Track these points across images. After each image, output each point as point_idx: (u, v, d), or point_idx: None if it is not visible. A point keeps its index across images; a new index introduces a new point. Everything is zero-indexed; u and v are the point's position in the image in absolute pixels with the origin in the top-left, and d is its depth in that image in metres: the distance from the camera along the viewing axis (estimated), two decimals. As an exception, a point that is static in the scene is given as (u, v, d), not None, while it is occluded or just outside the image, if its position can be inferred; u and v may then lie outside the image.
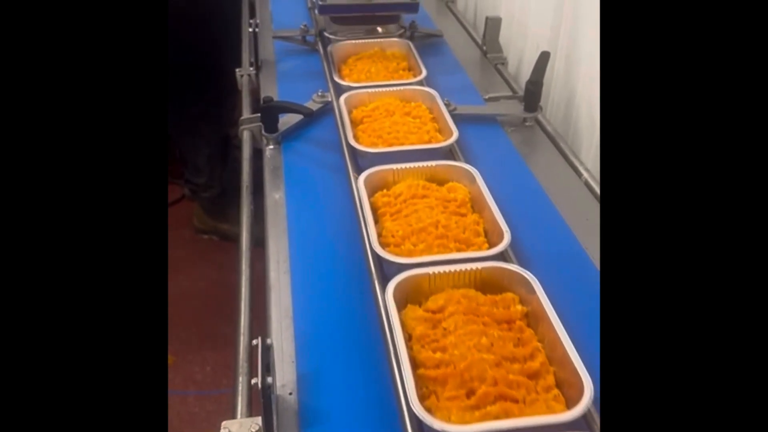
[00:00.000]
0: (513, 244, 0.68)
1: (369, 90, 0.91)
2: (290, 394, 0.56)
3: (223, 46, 1.57)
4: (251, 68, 1.14)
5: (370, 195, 0.75)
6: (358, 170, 0.79)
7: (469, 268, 0.63)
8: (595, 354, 0.46)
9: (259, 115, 0.93)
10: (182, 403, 1.47)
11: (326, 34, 1.15)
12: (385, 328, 0.59)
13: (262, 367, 0.51)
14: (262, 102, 0.90)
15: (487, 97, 1.04)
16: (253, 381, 0.50)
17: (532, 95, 0.95)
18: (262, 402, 0.50)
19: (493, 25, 1.15)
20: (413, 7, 1.10)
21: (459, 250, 0.67)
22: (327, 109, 0.98)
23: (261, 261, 0.76)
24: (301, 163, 0.89)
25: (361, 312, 0.64)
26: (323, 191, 0.83)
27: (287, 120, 0.94)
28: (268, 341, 0.53)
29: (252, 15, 1.38)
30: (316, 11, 1.13)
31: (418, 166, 0.78)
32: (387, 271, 0.66)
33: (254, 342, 0.52)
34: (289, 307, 0.65)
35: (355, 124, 0.88)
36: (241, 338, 0.63)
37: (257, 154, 0.93)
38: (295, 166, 0.88)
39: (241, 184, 0.88)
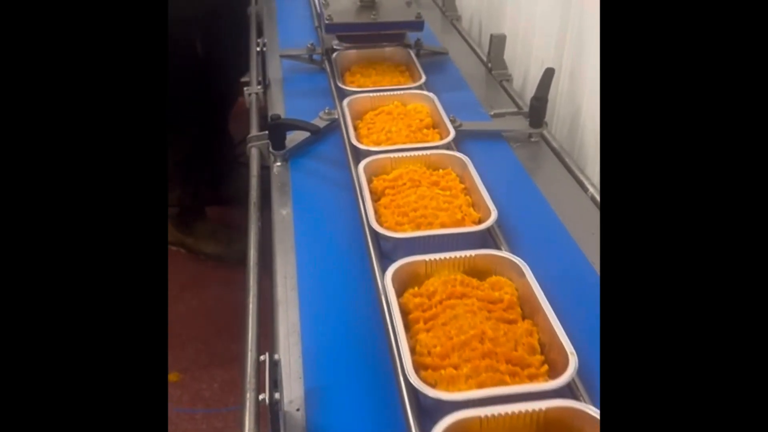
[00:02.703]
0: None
1: (391, 155, 0.84)
2: (297, 410, 0.56)
3: (227, 64, 1.59)
4: (259, 86, 1.16)
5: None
6: (381, 255, 0.72)
7: (530, 410, 0.52)
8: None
9: (266, 132, 0.94)
10: (190, 421, 1.46)
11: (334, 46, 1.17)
12: (392, 345, 0.59)
13: (270, 383, 0.51)
14: (269, 119, 0.92)
15: (492, 113, 1.05)
16: (261, 397, 0.50)
17: (538, 111, 0.96)
18: (270, 418, 0.50)
19: (497, 42, 1.16)
20: (418, 26, 1.12)
21: (512, 374, 0.56)
22: (334, 126, 0.99)
23: (268, 278, 0.77)
24: (308, 180, 0.89)
25: (369, 328, 0.64)
26: (331, 208, 0.83)
27: (294, 137, 0.95)
28: (276, 357, 0.53)
29: (259, 34, 1.41)
30: (323, 30, 1.14)
31: (454, 258, 0.67)
32: (424, 404, 0.56)
33: (262, 358, 0.53)
34: (296, 323, 0.65)
35: (376, 195, 0.79)
36: (249, 354, 0.63)
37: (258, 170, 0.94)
38: (302, 182, 0.89)
39: (249, 200, 0.89)
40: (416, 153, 0.85)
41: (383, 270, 0.66)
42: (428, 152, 0.84)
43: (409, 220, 0.74)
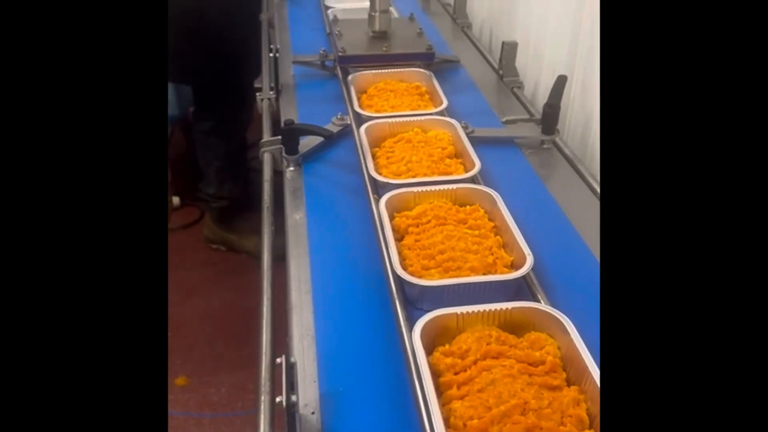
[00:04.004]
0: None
1: (414, 189, 0.78)
2: (312, 413, 0.56)
3: (236, 64, 1.62)
4: (271, 92, 1.16)
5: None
6: (405, 301, 0.66)
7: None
8: None
9: (279, 137, 0.95)
10: (197, 426, 1.46)
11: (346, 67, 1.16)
12: (407, 349, 0.59)
13: (287, 386, 0.51)
14: (283, 124, 0.92)
15: (504, 119, 1.05)
16: (278, 399, 0.50)
17: (550, 118, 0.96)
18: (287, 420, 0.50)
19: (509, 49, 1.16)
20: (429, 57, 1.14)
21: None
22: (346, 132, 1.00)
23: (279, 279, 0.77)
24: (321, 185, 0.90)
25: (383, 331, 0.64)
26: (344, 212, 0.84)
27: (307, 142, 0.96)
28: (292, 359, 0.53)
29: (271, 40, 1.42)
30: (336, 62, 1.16)
31: (488, 310, 0.61)
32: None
33: (278, 360, 0.53)
34: (311, 326, 0.65)
35: (398, 234, 0.74)
36: (263, 357, 0.63)
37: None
38: (315, 187, 0.89)
39: (262, 205, 0.89)
40: (441, 187, 0.78)
41: (409, 321, 0.62)
42: (454, 186, 0.78)
43: (436, 264, 0.67)
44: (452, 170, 0.85)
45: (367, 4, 1.19)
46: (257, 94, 1.17)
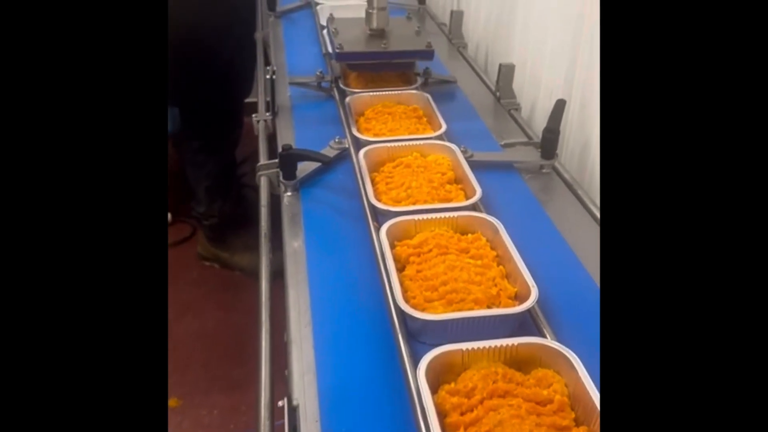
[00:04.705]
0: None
1: (415, 217, 0.77)
2: (315, 455, 0.55)
3: (226, 84, 1.61)
4: (267, 113, 1.15)
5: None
6: (407, 333, 0.65)
7: None
8: None
9: (276, 161, 0.93)
10: (190, 449, 1.44)
11: (342, 86, 1.15)
12: (411, 388, 0.58)
13: (289, 429, 0.49)
14: (281, 149, 0.91)
15: (502, 143, 1.05)
16: (281, 444, 0.48)
17: (549, 143, 0.96)
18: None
19: (506, 72, 1.16)
20: (428, 55, 1.12)
21: None
22: (344, 155, 0.99)
23: (277, 297, 0.76)
24: (320, 210, 0.89)
25: (386, 366, 0.63)
26: (343, 239, 0.82)
27: (305, 167, 0.95)
28: (294, 402, 0.51)
29: (267, 62, 1.41)
30: (333, 58, 1.14)
31: (494, 347, 0.59)
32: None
33: (280, 403, 0.51)
34: (311, 362, 0.64)
35: (399, 264, 0.73)
36: (262, 398, 0.61)
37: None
38: (314, 213, 0.88)
39: (259, 231, 0.88)
40: (442, 215, 0.77)
41: (413, 357, 0.61)
42: (455, 214, 0.77)
43: (439, 295, 0.66)
44: (453, 196, 0.84)
45: (357, 2, 1.16)
46: (253, 115, 1.16)
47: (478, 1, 1.47)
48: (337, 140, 1.00)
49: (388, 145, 0.93)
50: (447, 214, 0.77)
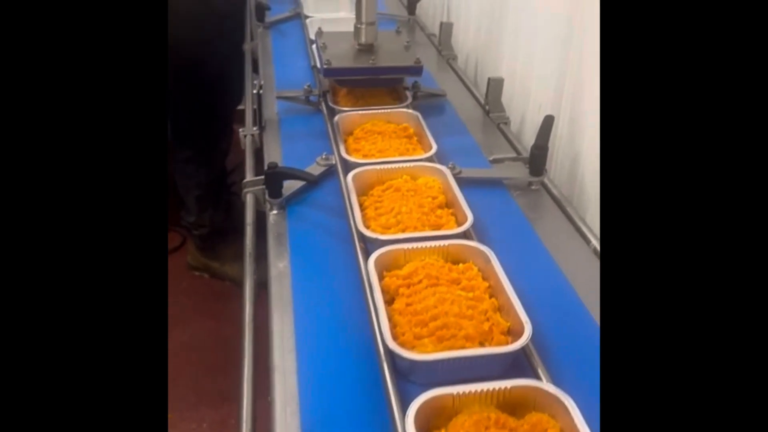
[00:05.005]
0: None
1: (404, 246, 0.74)
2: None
3: (215, 96, 1.60)
4: (255, 128, 1.14)
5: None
6: (396, 372, 0.62)
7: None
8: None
9: (262, 177, 0.92)
10: (178, 465, 1.42)
11: (330, 103, 1.13)
12: (395, 414, 0.57)
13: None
14: (266, 167, 0.90)
15: (491, 158, 1.04)
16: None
17: (538, 159, 0.95)
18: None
19: (495, 85, 1.16)
20: (417, 71, 1.11)
21: None
22: (332, 172, 0.98)
23: (261, 307, 0.75)
24: (306, 230, 0.87)
25: (372, 401, 0.61)
26: (330, 261, 0.81)
27: (292, 184, 0.93)
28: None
29: (255, 69, 1.40)
30: (321, 73, 1.13)
31: (486, 390, 0.57)
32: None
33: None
34: (294, 392, 0.63)
35: (388, 296, 0.70)
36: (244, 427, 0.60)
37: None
38: (300, 232, 0.87)
39: (244, 251, 0.87)
40: (432, 244, 0.75)
41: (401, 398, 0.58)
42: (445, 243, 0.75)
43: (429, 332, 0.64)
44: (443, 222, 0.82)
45: (347, 15, 1.15)
46: (240, 130, 1.15)
47: (468, 12, 1.46)
48: (324, 156, 0.99)
49: (377, 167, 0.91)
50: (437, 243, 0.75)
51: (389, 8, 1.72)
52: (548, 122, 0.95)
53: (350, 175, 0.89)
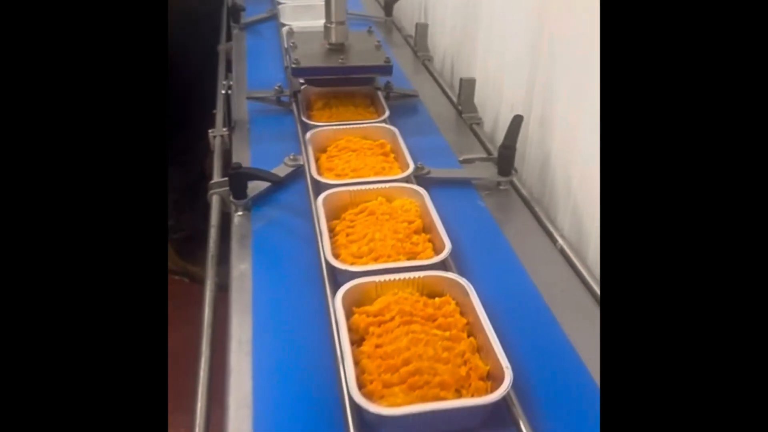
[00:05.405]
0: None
1: (376, 278, 0.68)
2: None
3: (190, 98, 1.58)
4: (224, 129, 1.13)
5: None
6: (362, 424, 0.57)
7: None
8: None
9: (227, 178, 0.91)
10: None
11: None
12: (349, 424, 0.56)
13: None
14: (230, 168, 0.88)
15: (462, 158, 1.03)
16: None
17: (506, 159, 0.94)
18: None
19: (467, 86, 1.15)
20: (387, 70, 1.10)
21: None
22: (300, 173, 0.96)
23: (222, 311, 0.74)
24: (271, 232, 0.86)
25: (330, 405, 0.60)
26: (294, 264, 0.80)
27: (258, 184, 0.92)
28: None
29: (229, 70, 1.38)
30: (290, 72, 1.12)
31: None
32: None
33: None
34: (248, 395, 0.61)
35: (357, 335, 0.64)
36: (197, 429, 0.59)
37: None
38: (264, 234, 0.85)
39: (207, 253, 0.85)
40: (406, 275, 0.68)
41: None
42: (421, 274, 0.69)
43: (400, 379, 0.58)
44: (419, 250, 0.75)
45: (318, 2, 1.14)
46: (210, 131, 1.13)
47: (444, 13, 1.46)
48: (291, 157, 0.98)
49: (351, 189, 0.84)
50: (412, 275, 0.69)
51: (366, 9, 1.71)
52: (516, 122, 0.94)
53: (321, 197, 0.83)
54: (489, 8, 1.22)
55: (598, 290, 0.76)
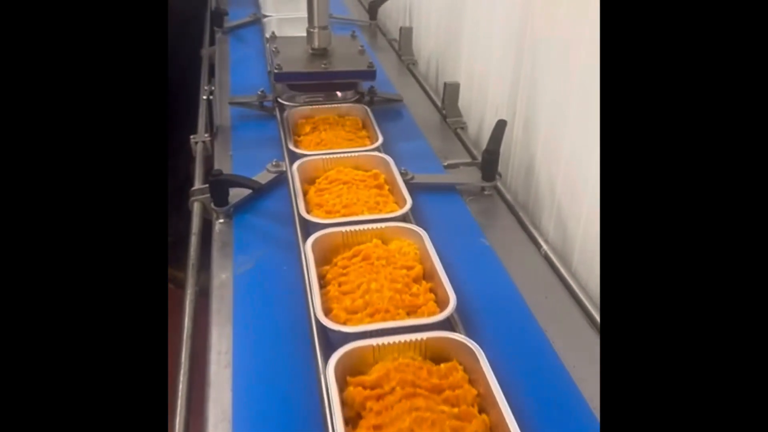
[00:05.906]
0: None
1: (374, 342, 0.61)
2: None
3: (177, 99, 1.57)
4: (206, 134, 1.11)
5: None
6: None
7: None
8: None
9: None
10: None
11: (281, 100, 1.10)
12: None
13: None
14: (211, 174, 0.87)
15: (446, 163, 1.03)
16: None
17: (490, 164, 0.94)
18: None
19: (451, 90, 1.15)
20: (370, 75, 1.09)
21: None
22: (282, 179, 0.95)
23: (203, 318, 0.73)
24: (252, 240, 0.85)
25: (310, 422, 0.58)
26: (275, 273, 0.78)
27: (240, 191, 0.91)
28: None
29: (212, 75, 1.37)
30: (272, 78, 1.11)
31: None
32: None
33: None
34: (228, 408, 0.60)
35: (352, 410, 0.57)
36: None
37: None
38: (246, 242, 0.84)
39: (187, 261, 0.84)
40: (408, 337, 0.61)
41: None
42: (424, 336, 0.61)
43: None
44: (420, 302, 0.67)
45: (305, 14, 1.12)
46: (191, 137, 1.12)
47: (428, 16, 1.45)
48: (274, 163, 0.96)
49: (343, 230, 0.76)
50: (415, 336, 0.61)
51: (351, 13, 1.71)
52: (500, 127, 0.94)
53: (309, 241, 0.74)
54: (473, 11, 1.22)
55: (591, 310, 0.75)
